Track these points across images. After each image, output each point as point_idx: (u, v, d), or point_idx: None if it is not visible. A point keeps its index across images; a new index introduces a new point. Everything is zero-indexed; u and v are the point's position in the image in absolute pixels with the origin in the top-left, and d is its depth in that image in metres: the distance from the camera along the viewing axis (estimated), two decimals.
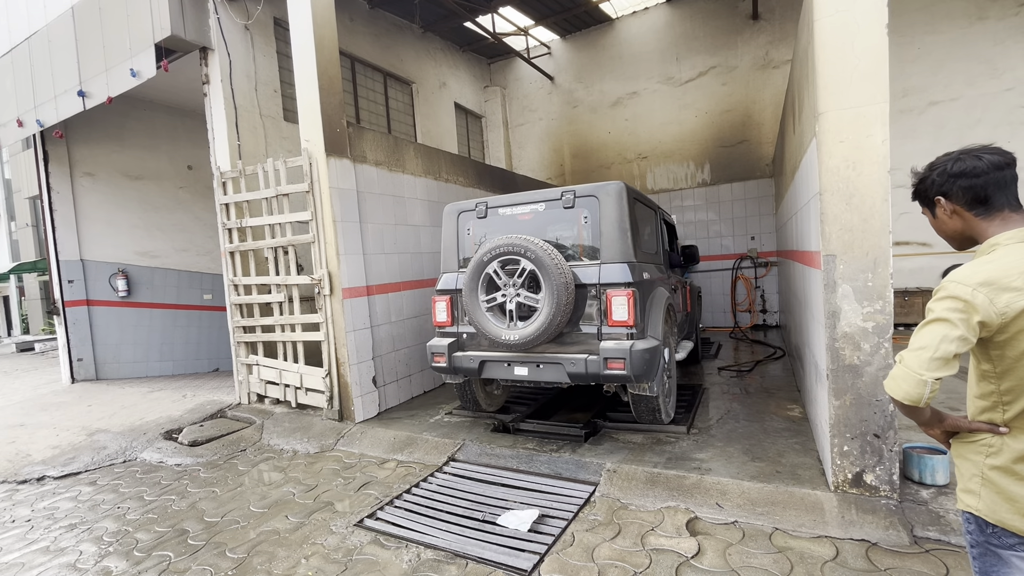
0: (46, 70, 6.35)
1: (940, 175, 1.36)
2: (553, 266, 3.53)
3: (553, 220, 3.89)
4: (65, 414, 5.95)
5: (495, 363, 3.95)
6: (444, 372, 4.17)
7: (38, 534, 3.33)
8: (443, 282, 4.25)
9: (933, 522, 2.60)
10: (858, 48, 2.69)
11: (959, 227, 1.37)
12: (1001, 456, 1.27)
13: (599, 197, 3.73)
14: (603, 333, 3.65)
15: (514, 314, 3.75)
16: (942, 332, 1.20)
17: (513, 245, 3.65)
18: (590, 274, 3.69)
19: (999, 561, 1.28)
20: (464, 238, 4.24)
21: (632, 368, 3.45)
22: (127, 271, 7.88)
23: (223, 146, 5.66)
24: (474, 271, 3.81)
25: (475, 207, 4.16)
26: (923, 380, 1.21)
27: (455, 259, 4.27)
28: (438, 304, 4.22)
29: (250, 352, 5.66)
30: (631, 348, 3.47)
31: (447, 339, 4.17)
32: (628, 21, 9.85)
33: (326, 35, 4.82)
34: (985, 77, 7.04)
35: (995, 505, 1.26)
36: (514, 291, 3.74)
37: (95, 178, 7.71)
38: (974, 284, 1.19)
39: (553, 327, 3.57)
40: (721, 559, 2.53)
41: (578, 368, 3.60)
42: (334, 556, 2.81)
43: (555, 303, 3.52)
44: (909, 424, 3.70)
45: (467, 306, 3.87)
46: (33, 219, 17.14)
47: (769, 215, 8.78)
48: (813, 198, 3.14)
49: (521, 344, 3.66)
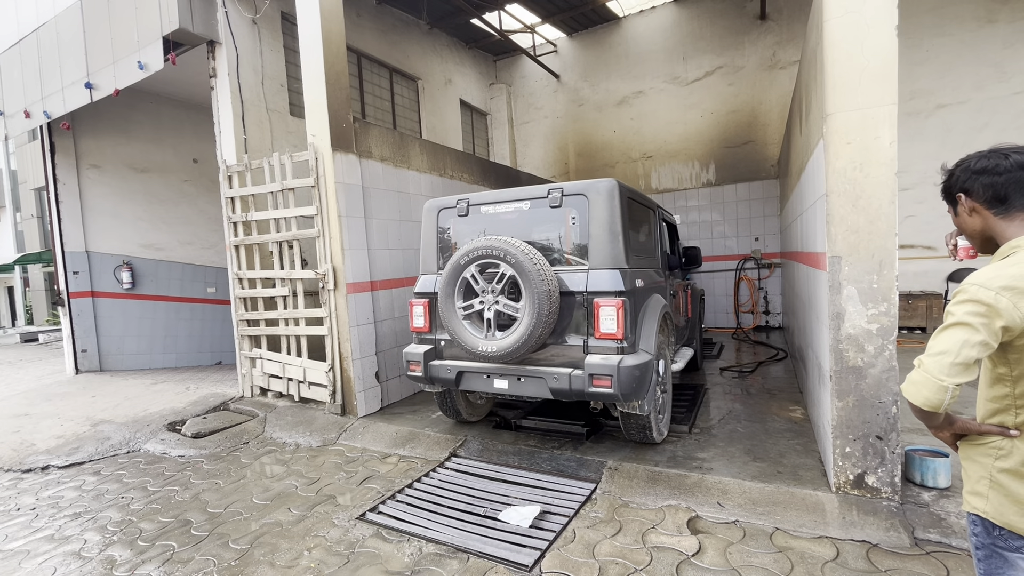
0: (54, 62, 6.37)
1: (963, 171, 1.35)
2: (535, 272, 3.23)
3: (539, 220, 3.58)
4: (69, 404, 5.98)
5: (474, 374, 3.69)
6: (420, 382, 3.91)
7: (43, 522, 3.35)
8: (421, 284, 3.97)
9: (934, 524, 2.61)
10: (867, 49, 2.68)
11: (979, 226, 1.35)
12: (1011, 459, 1.26)
13: (588, 196, 3.43)
14: (590, 346, 3.36)
15: (492, 323, 3.46)
16: (963, 337, 1.17)
17: (491, 248, 3.34)
18: (577, 281, 3.38)
19: (1005, 563, 1.28)
20: (444, 237, 3.94)
21: (620, 386, 3.17)
22: (132, 263, 7.91)
23: (229, 140, 5.67)
24: (450, 275, 3.52)
25: (456, 204, 3.85)
26: (944, 386, 1.18)
27: (434, 260, 3.98)
28: (415, 308, 3.95)
29: (254, 345, 5.68)
30: (619, 364, 3.19)
31: (424, 346, 3.89)
32: (635, 20, 9.83)
33: (333, 30, 4.82)
34: (993, 80, 7.01)
35: (1003, 507, 1.26)
36: (492, 298, 3.44)
37: (101, 170, 7.74)
38: (997, 288, 1.16)
39: (534, 339, 3.27)
40: (722, 558, 2.54)
41: (561, 384, 3.33)
42: (336, 549, 2.83)
43: (536, 313, 3.22)
44: (911, 427, 3.71)
45: (443, 313, 3.57)
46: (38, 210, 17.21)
47: (774, 216, 8.76)
48: (819, 199, 3.14)
49: (499, 357, 3.38)
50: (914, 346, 6.42)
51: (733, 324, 9.06)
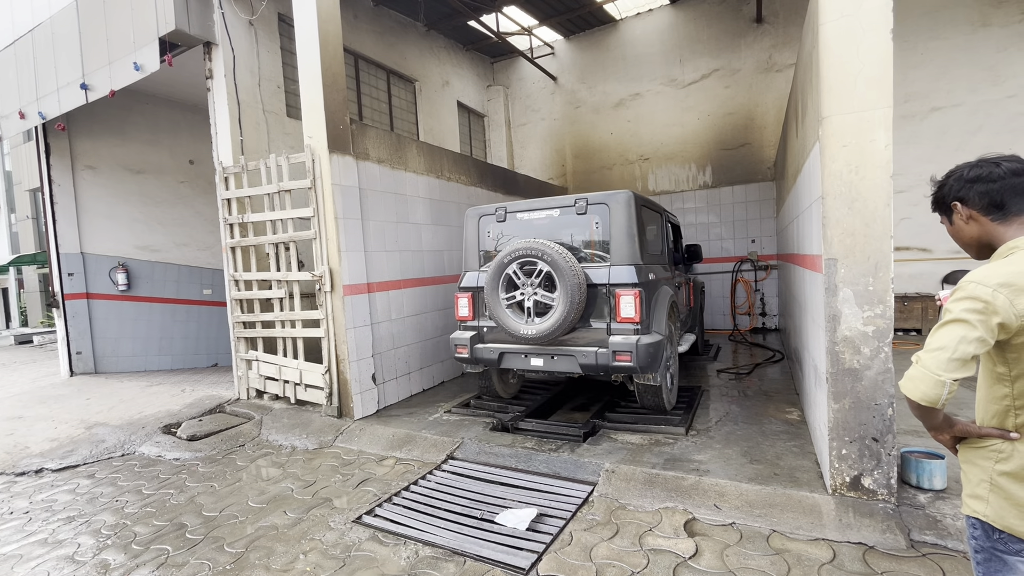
0: (49, 62, 6.35)
1: (957, 180, 1.37)
2: (567, 268, 3.84)
3: (567, 225, 4.21)
4: (63, 407, 5.95)
5: (513, 354, 4.28)
6: (466, 362, 4.52)
7: (36, 526, 3.33)
8: (465, 280, 4.57)
9: (930, 526, 2.61)
10: (862, 53, 2.69)
11: (976, 233, 1.36)
12: (1011, 462, 1.26)
13: (609, 204, 4.06)
14: (612, 328, 3.98)
15: (531, 311, 4.08)
16: (960, 333, 1.19)
17: (531, 249, 3.96)
18: (600, 275, 4.00)
19: (1004, 567, 1.28)
20: (484, 239, 4.57)
21: (638, 360, 3.79)
22: (127, 265, 7.88)
23: (225, 141, 5.66)
24: (495, 272, 4.12)
25: (495, 211, 4.50)
26: (941, 381, 1.20)
27: (476, 259, 4.60)
28: (460, 300, 4.55)
29: (250, 348, 5.66)
30: (637, 342, 3.82)
31: (469, 332, 4.50)
32: (632, 22, 9.85)
33: (330, 31, 4.82)
34: (987, 84, 7.05)
35: (1003, 511, 1.26)
36: (532, 290, 4.05)
37: (96, 171, 7.71)
38: (994, 285, 1.18)
39: (567, 323, 3.89)
40: (718, 560, 2.54)
41: (589, 360, 3.93)
42: (332, 552, 2.82)
43: (569, 301, 3.84)
44: (907, 428, 3.72)
45: (489, 303, 4.18)
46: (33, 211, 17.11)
47: (770, 218, 8.79)
48: (815, 202, 3.15)
49: (538, 338, 3.99)
50: (909, 348, 6.44)
51: (730, 326, 9.07)
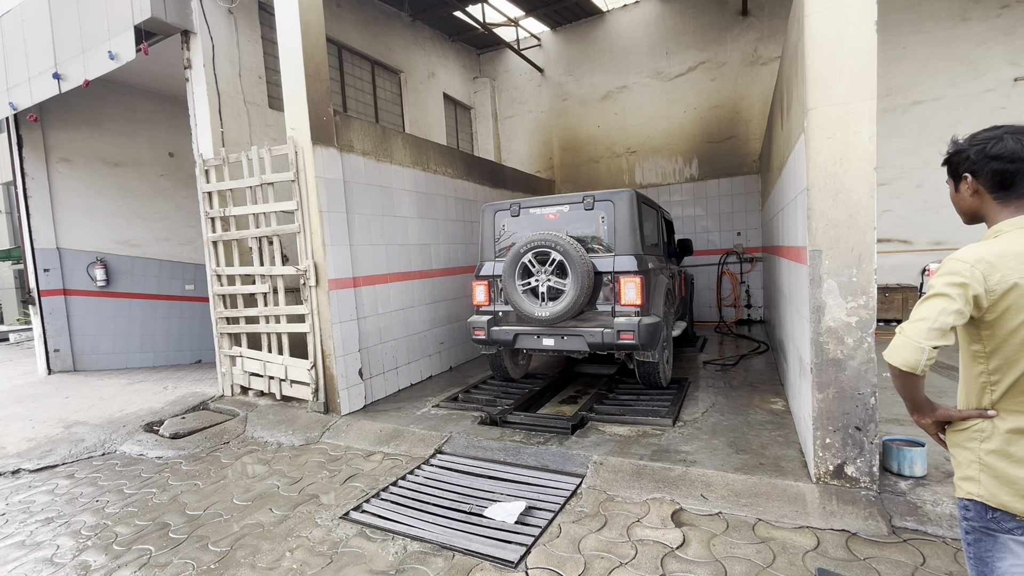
0: (19, 51, 6.13)
1: (977, 154, 1.36)
2: (578, 257, 4.29)
3: (575, 219, 4.66)
4: (41, 406, 5.81)
5: (527, 335, 4.71)
6: (483, 344, 4.94)
7: (13, 528, 3.25)
8: (483, 269, 5.01)
9: (911, 512, 2.67)
10: (847, 44, 2.70)
11: (974, 206, 1.41)
12: (994, 440, 1.32)
13: (614, 201, 4.54)
14: (616, 311, 4.44)
15: (545, 296, 4.50)
16: (941, 305, 1.28)
17: (546, 240, 4.40)
18: (606, 264, 4.46)
19: (995, 544, 1.32)
20: (500, 232, 4.99)
21: (640, 338, 4.23)
22: (106, 260, 7.68)
23: (206, 133, 5.53)
24: (512, 261, 4.55)
25: (510, 207, 4.95)
26: (921, 347, 1.29)
27: (492, 250, 5.03)
28: (478, 288, 4.99)
29: (234, 343, 5.57)
30: (639, 323, 4.26)
31: (486, 316, 4.91)
32: (619, 14, 9.82)
33: (312, 20, 4.72)
34: (967, 78, 7.16)
35: (995, 489, 1.31)
36: (545, 277, 4.48)
37: (72, 164, 7.49)
38: (972, 260, 1.27)
39: (577, 306, 4.34)
40: (705, 550, 2.56)
41: (596, 339, 4.38)
42: (319, 549, 2.79)
43: (579, 287, 4.29)
44: (889, 417, 3.79)
45: (506, 289, 4.62)
46: (7, 206, 16.60)
47: (755, 211, 8.86)
48: (800, 194, 3.17)
49: (551, 320, 4.44)
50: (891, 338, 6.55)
51: (716, 318, 9.16)
